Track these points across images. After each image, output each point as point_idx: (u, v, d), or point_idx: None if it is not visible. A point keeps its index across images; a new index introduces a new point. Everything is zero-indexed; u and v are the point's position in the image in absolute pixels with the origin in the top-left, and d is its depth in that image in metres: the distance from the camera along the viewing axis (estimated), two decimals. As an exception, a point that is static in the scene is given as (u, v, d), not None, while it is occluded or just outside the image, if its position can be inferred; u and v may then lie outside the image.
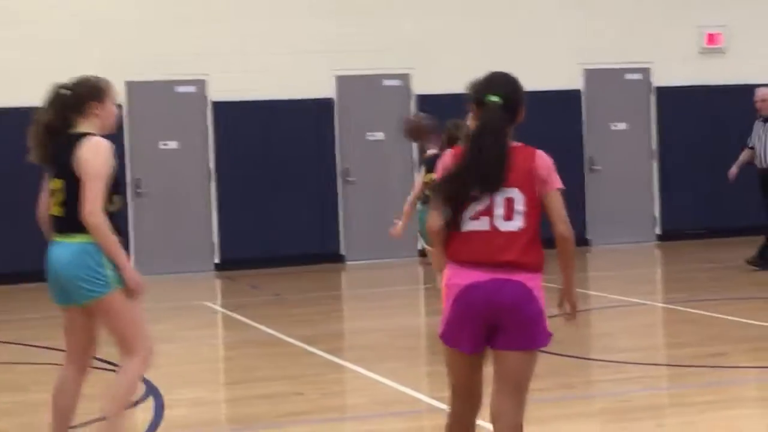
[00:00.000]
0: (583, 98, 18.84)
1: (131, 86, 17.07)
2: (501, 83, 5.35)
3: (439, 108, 12.62)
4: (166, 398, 8.62)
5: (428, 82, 17.58)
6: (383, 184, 17.75)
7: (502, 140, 5.27)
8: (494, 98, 5.28)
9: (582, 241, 18.10)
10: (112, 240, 6.22)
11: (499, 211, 5.18)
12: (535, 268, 5.21)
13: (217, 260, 17.38)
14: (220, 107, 17.45)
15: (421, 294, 15.03)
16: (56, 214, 6.39)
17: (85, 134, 6.34)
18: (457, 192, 5.22)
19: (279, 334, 11.39)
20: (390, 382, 8.90)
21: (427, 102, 16.81)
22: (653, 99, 19.13)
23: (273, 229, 17.39)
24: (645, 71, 19.06)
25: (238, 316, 12.85)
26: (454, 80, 17.84)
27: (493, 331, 5.21)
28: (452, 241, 5.24)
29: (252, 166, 17.45)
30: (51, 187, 6.43)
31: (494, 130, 5.26)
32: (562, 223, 5.27)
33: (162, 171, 17.23)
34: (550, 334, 5.30)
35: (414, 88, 17.80)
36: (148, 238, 17.14)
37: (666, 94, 19.06)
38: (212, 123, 17.47)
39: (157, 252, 17.13)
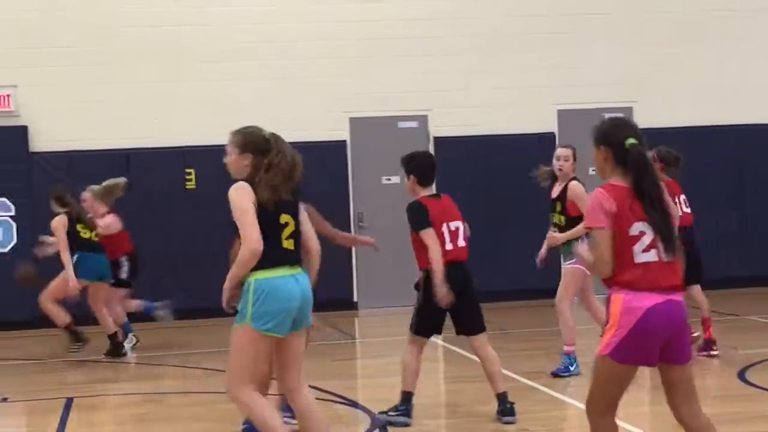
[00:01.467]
0: None
1: (354, 122, 17.44)
2: (632, 125, 6.06)
3: (663, 141, 12.36)
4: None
5: (650, 114, 17.38)
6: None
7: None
8: (633, 141, 5.93)
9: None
10: None
11: (659, 244, 5.81)
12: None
13: None
14: (441, 142, 17.59)
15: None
16: (290, 247, 6.77)
17: None
18: (640, 232, 5.83)
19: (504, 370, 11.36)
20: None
21: (648, 135, 16.54)
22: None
23: (496, 264, 17.32)
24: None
25: (460, 350, 12.88)
26: (679, 112, 17.98)
27: (665, 346, 5.80)
28: (625, 272, 5.77)
29: (471, 200, 17.47)
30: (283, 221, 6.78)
31: (654, 173, 5.96)
32: None
33: (384, 205, 17.46)
34: None
35: (637, 119, 17.59)
36: (369, 272, 17.38)
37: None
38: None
39: (378, 285, 17.35)
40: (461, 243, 9.08)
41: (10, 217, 16.69)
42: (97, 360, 13.38)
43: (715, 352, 11.69)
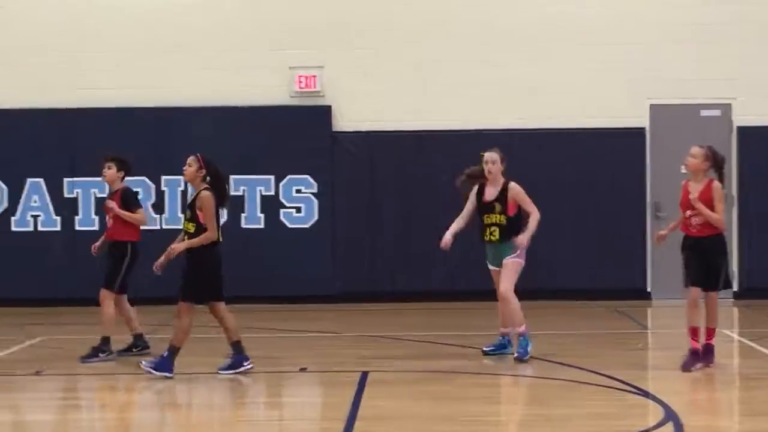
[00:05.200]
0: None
1: (655, 109, 17.16)
2: None
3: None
4: (686, 425, 8.57)
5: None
6: None
7: None
8: None
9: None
10: None
11: None
12: None
13: (735, 288, 16.99)
14: (744, 132, 17.08)
15: None
16: None
17: None
18: None
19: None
20: None
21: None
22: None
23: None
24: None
25: (759, 347, 12.53)
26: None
27: None
28: None
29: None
30: None
31: None
32: None
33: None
34: None
35: None
36: (665, 261, 17.07)
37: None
38: (736, 148, 17.13)
39: (672, 275, 17.01)
40: None
41: (312, 194, 17.26)
42: (384, 336, 13.70)
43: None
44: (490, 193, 11.88)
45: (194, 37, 17.39)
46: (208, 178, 11.22)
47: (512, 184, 11.85)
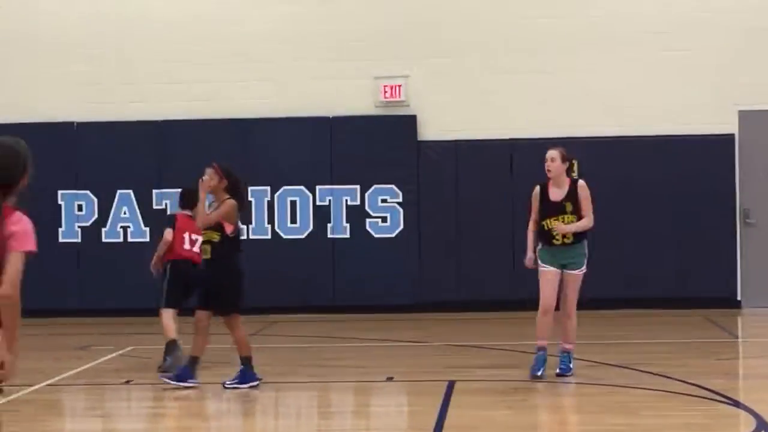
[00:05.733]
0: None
1: (743, 115, 16.94)
2: None
3: None
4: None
5: None
6: None
7: None
8: None
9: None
10: None
11: None
12: None
13: None
14: None
15: None
16: None
17: None
18: None
19: None
20: None
21: None
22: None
23: None
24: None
25: None
26: None
27: None
28: None
29: None
30: None
31: None
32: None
33: None
34: None
35: None
36: (756, 268, 16.87)
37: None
38: None
39: (764, 283, 16.83)
40: None
41: (398, 203, 17.28)
42: (470, 345, 13.67)
43: None
44: (557, 193, 11.28)
45: (279, 47, 17.50)
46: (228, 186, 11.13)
47: (582, 183, 11.29)
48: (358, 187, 17.31)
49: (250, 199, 17.06)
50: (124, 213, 17.49)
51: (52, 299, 16.82)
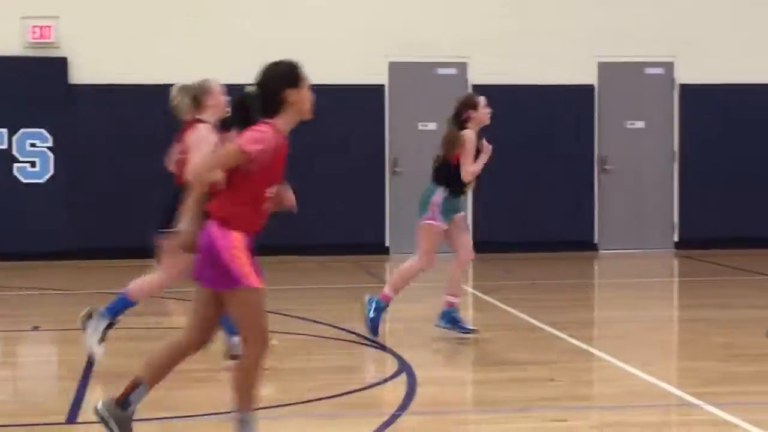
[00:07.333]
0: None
1: (393, 66, 17.44)
2: None
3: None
4: (419, 376, 8.78)
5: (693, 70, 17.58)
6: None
7: None
8: None
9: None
10: None
11: None
12: None
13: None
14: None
15: (676, 286, 14.77)
16: None
17: None
18: None
19: (531, 319, 11.40)
20: (642, 374, 8.80)
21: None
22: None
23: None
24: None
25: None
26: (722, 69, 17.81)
27: None
28: None
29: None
30: None
31: None
32: None
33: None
34: None
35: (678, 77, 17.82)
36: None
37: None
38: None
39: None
40: None
41: (48, 148, 16.77)
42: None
43: None
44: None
45: None
46: None
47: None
48: (5, 130, 16.69)
49: None
50: None
51: None
